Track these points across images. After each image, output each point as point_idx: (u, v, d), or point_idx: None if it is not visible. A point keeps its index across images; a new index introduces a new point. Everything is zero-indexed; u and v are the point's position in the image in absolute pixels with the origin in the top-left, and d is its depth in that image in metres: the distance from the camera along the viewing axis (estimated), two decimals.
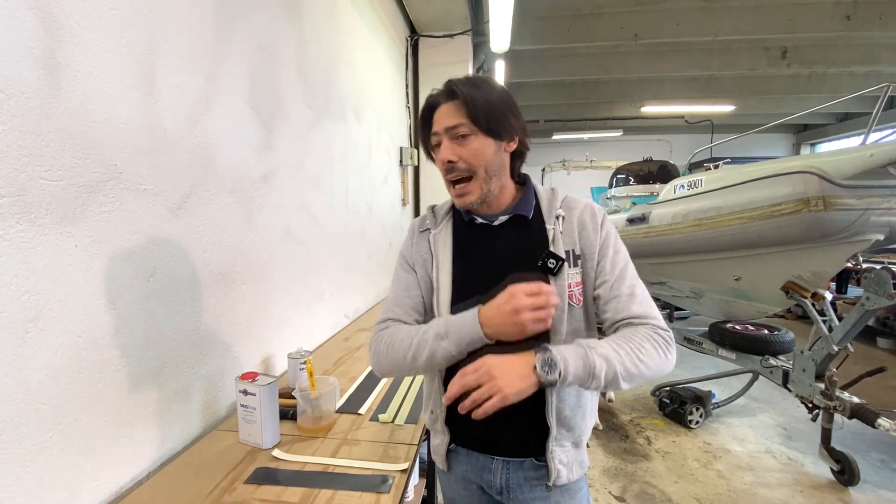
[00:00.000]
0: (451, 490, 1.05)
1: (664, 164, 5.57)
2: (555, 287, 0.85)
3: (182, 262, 1.14)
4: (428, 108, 0.92)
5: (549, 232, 0.91)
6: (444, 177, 0.92)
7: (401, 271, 1.01)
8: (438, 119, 0.89)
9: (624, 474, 2.61)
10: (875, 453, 2.80)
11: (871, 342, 4.91)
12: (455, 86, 0.87)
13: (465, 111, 0.86)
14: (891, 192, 2.36)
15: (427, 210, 1.04)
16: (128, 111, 0.96)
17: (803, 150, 10.51)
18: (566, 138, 9.72)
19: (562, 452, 0.92)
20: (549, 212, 0.93)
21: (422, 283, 0.97)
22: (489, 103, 0.87)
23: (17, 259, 0.74)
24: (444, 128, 0.88)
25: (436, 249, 0.96)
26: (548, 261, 0.86)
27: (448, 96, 0.89)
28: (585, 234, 0.90)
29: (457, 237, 0.97)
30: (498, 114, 0.87)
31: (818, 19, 4.54)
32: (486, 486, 0.99)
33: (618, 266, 0.89)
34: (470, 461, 0.99)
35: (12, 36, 0.73)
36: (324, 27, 2.04)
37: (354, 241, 2.49)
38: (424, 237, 1.00)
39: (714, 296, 3.49)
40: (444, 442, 1.00)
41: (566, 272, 0.87)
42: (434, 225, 1.00)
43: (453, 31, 3.81)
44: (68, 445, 0.84)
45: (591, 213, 0.92)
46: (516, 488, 0.95)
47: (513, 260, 0.90)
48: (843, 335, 2.47)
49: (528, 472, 0.95)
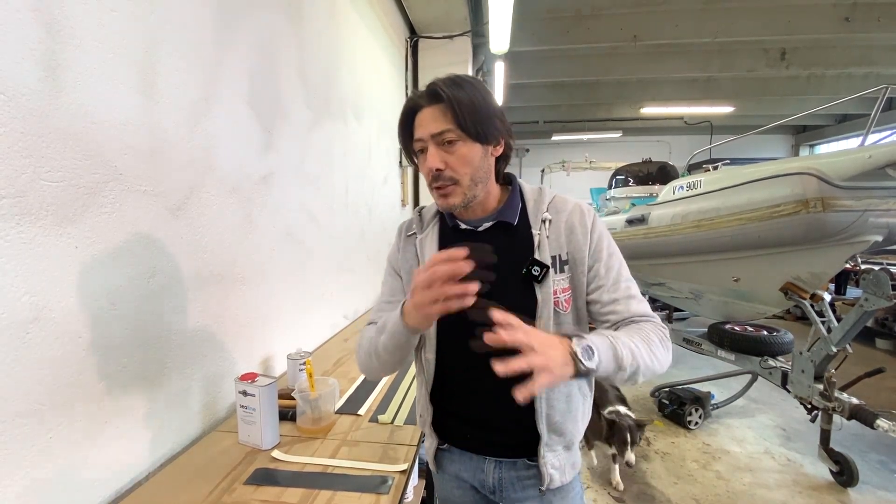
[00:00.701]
0: (445, 490, 1.05)
1: (663, 166, 5.57)
2: (539, 294, 0.84)
3: (182, 262, 1.14)
4: (409, 111, 0.87)
5: (534, 238, 0.88)
6: (428, 184, 0.88)
7: (387, 276, 1.02)
8: (423, 124, 0.84)
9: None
10: (874, 454, 2.80)
11: (870, 343, 4.91)
12: (439, 88, 0.82)
13: (451, 116, 0.81)
14: (889, 193, 2.36)
15: (414, 213, 1.02)
16: (128, 112, 0.96)
17: (802, 152, 10.52)
18: (565, 139, 9.73)
19: (553, 457, 0.91)
20: (535, 215, 0.90)
21: (406, 289, 0.96)
22: (475, 106, 0.82)
23: (17, 260, 0.74)
24: (430, 134, 0.83)
25: (422, 254, 0.95)
26: (532, 268, 0.84)
27: (431, 99, 0.83)
28: (574, 239, 0.87)
29: (443, 242, 0.94)
30: (484, 117, 0.83)
31: (817, 21, 4.55)
32: (480, 486, 0.99)
33: (613, 269, 0.87)
34: (463, 461, 0.99)
35: (13, 37, 0.73)
36: (324, 28, 2.04)
37: (354, 241, 2.50)
38: (411, 241, 0.98)
39: (713, 297, 3.49)
40: (433, 443, 1.00)
41: (551, 279, 0.85)
42: (420, 229, 0.98)
43: (453, 33, 3.81)
44: (68, 446, 0.84)
45: (579, 216, 0.89)
46: (508, 487, 0.95)
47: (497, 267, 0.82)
48: (842, 336, 2.47)
49: (521, 472, 0.95)
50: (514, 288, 0.85)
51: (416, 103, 0.86)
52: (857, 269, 4.99)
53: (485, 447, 0.96)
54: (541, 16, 4.63)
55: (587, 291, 0.88)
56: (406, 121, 0.88)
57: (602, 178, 6.98)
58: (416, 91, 0.90)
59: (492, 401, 0.89)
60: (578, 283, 0.87)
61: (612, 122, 9.14)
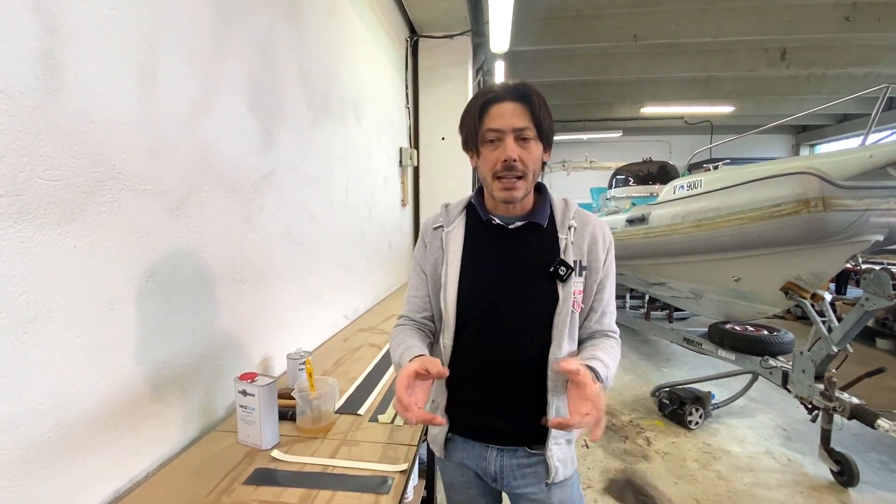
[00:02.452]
0: (450, 475, 1.10)
1: (664, 165, 5.57)
2: (562, 292, 0.92)
3: (181, 262, 1.14)
4: (487, 101, 0.92)
5: (561, 241, 0.96)
6: (491, 172, 0.92)
7: (413, 273, 1.08)
8: (502, 116, 0.90)
9: (624, 475, 2.61)
10: (874, 454, 2.79)
11: (871, 343, 4.91)
12: (530, 89, 0.90)
13: (530, 115, 0.89)
14: (890, 192, 2.36)
15: (441, 208, 1.07)
16: (127, 111, 0.96)
17: (803, 151, 10.52)
18: (566, 139, 9.72)
19: (558, 450, 0.98)
20: (563, 222, 0.98)
21: (430, 282, 1.02)
22: (548, 111, 0.91)
23: (15, 259, 0.74)
24: (513, 127, 0.89)
25: (447, 246, 1.00)
26: (559, 268, 0.92)
27: (515, 96, 0.90)
28: (595, 250, 0.96)
29: (469, 235, 1.00)
30: (550, 123, 0.92)
31: (817, 20, 4.55)
32: (482, 473, 1.03)
33: (609, 288, 0.99)
34: (466, 448, 1.04)
35: (12, 36, 0.73)
36: (323, 28, 2.04)
37: (354, 241, 2.49)
38: (437, 234, 1.03)
39: (713, 296, 3.49)
40: (442, 430, 1.04)
41: (573, 280, 0.93)
42: (447, 223, 1.03)
43: (453, 32, 3.81)
44: (67, 446, 0.83)
45: (602, 232, 0.98)
46: (509, 475, 1.00)
47: (523, 262, 0.96)
48: (843, 336, 2.46)
49: (522, 460, 1.00)
50: (540, 284, 0.94)
51: (496, 95, 0.91)
52: (857, 268, 4.99)
53: (488, 434, 1.01)
54: (541, 15, 4.63)
55: (592, 299, 0.98)
56: (480, 109, 0.92)
57: (602, 177, 6.98)
58: (492, 84, 0.97)
59: (501, 389, 0.97)
60: (589, 289, 0.96)
61: (613, 122, 9.14)
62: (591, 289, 0.96)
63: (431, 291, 1.03)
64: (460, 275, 0.97)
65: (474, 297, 0.96)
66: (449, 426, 1.04)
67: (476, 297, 0.96)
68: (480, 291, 0.96)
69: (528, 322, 0.95)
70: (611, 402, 3.57)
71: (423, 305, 1.04)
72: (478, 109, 0.92)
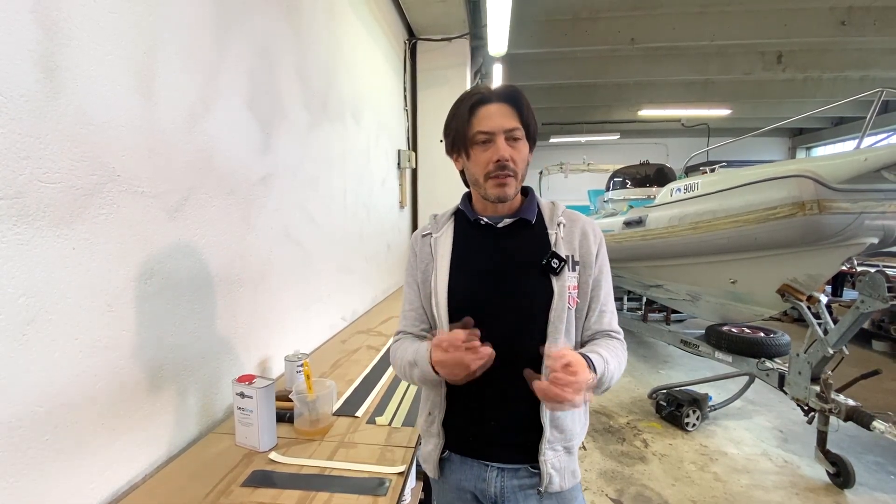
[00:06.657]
0: (446, 499, 1.04)
1: (661, 168, 5.58)
2: (556, 286, 0.91)
3: (179, 264, 1.14)
4: (475, 102, 0.93)
5: (551, 236, 0.96)
6: (483, 172, 0.93)
7: (406, 288, 1.08)
8: (491, 117, 0.91)
9: (621, 477, 2.61)
10: (870, 456, 2.81)
11: (867, 345, 4.93)
12: (517, 91, 0.93)
13: (517, 116, 0.92)
14: (885, 195, 2.38)
15: (430, 217, 1.08)
16: (126, 114, 0.96)
17: (798, 154, 10.58)
18: (563, 141, 9.74)
19: (554, 457, 0.93)
20: (552, 219, 0.98)
21: (422, 290, 1.02)
22: (532, 112, 0.94)
23: (14, 261, 0.74)
24: (504, 128, 0.91)
25: (436, 251, 1.00)
26: (551, 260, 0.92)
27: (503, 98, 0.92)
28: (586, 244, 0.96)
29: (458, 238, 1.00)
30: (535, 123, 0.95)
31: (813, 24, 4.58)
32: (481, 496, 0.98)
33: (605, 285, 0.98)
34: (464, 469, 0.98)
35: (11, 39, 0.73)
36: (322, 30, 2.04)
37: (352, 243, 2.50)
38: (426, 241, 1.03)
39: (710, 298, 3.50)
40: (437, 447, 0.99)
41: (567, 274, 0.92)
42: (436, 229, 1.03)
43: (451, 35, 3.82)
44: (65, 448, 0.83)
45: (591, 227, 0.99)
46: (510, 497, 0.95)
47: (515, 259, 0.95)
48: (839, 338, 2.48)
49: (523, 481, 0.95)
50: (533, 279, 0.93)
51: (483, 97, 0.93)
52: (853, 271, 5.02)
53: (486, 447, 0.96)
54: (539, 18, 4.64)
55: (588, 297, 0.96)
56: (468, 111, 0.93)
57: (600, 180, 6.98)
58: (480, 85, 0.97)
59: (500, 398, 0.94)
60: (584, 284, 0.94)
61: (610, 125, 9.17)
62: (587, 284, 0.94)
63: (423, 299, 1.01)
64: (450, 276, 0.96)
65: (466, 297, 0.94)
66: (445, 442, 0.99)
67: (468, 296, 0.94)
68: (472, 290, 0.94)
69: (524, 319, 0.92)
70: (608, 404, 3.58)
71: (420, 317, 1.03)
72: (466, 112, 0.93)
